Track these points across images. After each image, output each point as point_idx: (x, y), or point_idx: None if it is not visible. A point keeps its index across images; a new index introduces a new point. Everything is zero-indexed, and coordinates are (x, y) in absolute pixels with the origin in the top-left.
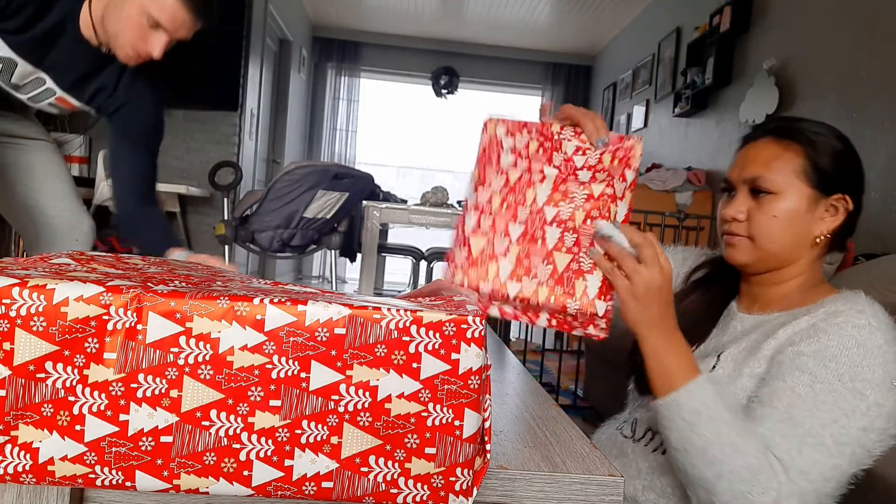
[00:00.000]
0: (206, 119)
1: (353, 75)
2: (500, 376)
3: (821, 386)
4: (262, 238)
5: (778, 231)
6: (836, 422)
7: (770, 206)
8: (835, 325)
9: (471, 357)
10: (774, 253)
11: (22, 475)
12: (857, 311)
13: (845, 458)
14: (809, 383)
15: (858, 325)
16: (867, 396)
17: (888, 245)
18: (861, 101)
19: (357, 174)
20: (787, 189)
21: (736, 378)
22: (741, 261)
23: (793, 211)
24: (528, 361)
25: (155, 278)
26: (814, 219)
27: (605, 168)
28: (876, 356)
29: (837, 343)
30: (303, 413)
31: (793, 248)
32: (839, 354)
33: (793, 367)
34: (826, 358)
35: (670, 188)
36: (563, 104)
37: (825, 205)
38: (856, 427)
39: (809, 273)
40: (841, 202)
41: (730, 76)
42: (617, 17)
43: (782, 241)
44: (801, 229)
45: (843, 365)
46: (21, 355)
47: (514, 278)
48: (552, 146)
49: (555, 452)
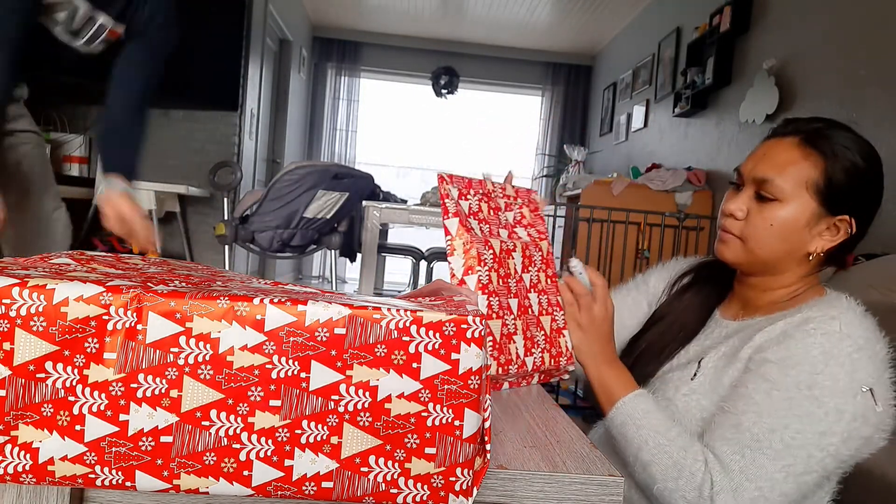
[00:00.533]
0: (206, 119)
1: (353, 75)
2: None
3: (777, 393)
4: (262, 238)
5: (770, 239)
6: (788, 427)
7: (770, 213)
8: (804, 331)
9: (471, 357)
10: (762, 259)
11: (22, 475)
12: (830, 318)
13: (799, 461)
14: (767, 390)
15: (827, 332)
16: (825, 403)
17: (888, 245)
18: (861, 101)
19: (357, 174)
20: (793, 199)
21: (717, 387)
22: (728, 259)
23: (791, 222)
24: None
25: (155, 278)
26: (811, 235)
27: (529, 222)
28: (842, 364)
29: (802, 351)
30: (303, 413)
31: (783, 259)
32: (801, 362)
33: (756, 374)
34: (788, 366)
35: (670, 188)
36: (562, 105)
37: (827, 223)
38: (811, 431)
39: (800, 285)
40: (844, 223)
41: (730, 76)
42: (617, 17)
43: (772, 249)
44: (795, 242)
45: (803, 373)
46: (21, 355)
47: (527, 353)
48: (489, 202)
49: (555, 452)
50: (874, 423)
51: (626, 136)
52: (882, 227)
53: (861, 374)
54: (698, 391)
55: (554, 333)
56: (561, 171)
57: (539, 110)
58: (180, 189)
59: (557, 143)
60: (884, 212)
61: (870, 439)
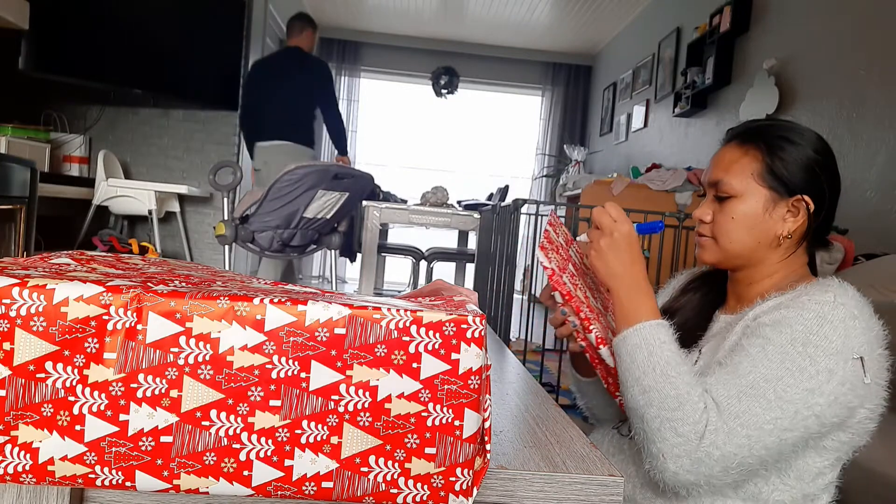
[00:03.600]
0: (206, 119)
1: (353, 75)
2: (500, 376)
3: (772, 347)
4: (262, 238)
5: (737, 232)
6: (781, 379)
7: (729, 209)
8: (798, 302)
9: (471, 357)
10: (736, 252)
11: (22, 475)
12: (823, 290)
13: (787, 415)
14: (762, 345)
15: (822, 301)
16: (817, 361)
17: (888, 245)
18: (861, 101)
19: (357, 174)
20: (745, 192)
21: (712, 363)
22: (708, 260)
23: (750, 213)
24: (528, 361)
25: (155, 278)
26: (773, 220)
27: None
28: (836, 327)
29: (797, 314)
30: (303, 413)
31: (755, 248)
32: (795, 322)
33: (752, 334)
34: (782, 325)
35: (670, 188)
36: (562, 105)
37: (785, 205)
38: (801, 388)
39: (785, 271)
40: (800, 203)
41: (730, 76)
42: (617, 17)
43: (742, 241)
44: (761, 230)
45: (797, 331)
46: (21, 355)
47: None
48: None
49: (555, 452)
50: (861, 395)
51: (626, 136)
52: (882, 226)
53: (854, 341)
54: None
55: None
56: (561, 171)
57: (539, 110)
58: (180, 189)
59: (557, 143)
60: (883, 212)
61: (853, 410)
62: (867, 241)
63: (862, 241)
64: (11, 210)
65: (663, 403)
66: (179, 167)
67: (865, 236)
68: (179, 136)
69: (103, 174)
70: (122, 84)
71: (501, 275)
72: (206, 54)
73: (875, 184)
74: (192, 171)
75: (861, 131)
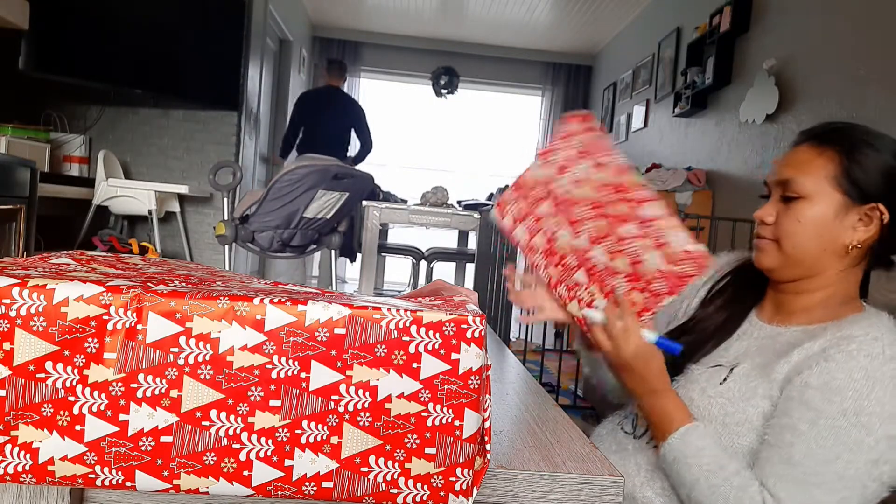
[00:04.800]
0: (206, 119)
1: (353, 75)
2: (500, 376)
3: (824, 422)
4: (262, 238)
5: (802, 236)
6: (839, 458)
7: (797, 210)
8: (846, 352)
9: (471, 357)
10: (799, 259)
11: (22, 475)
12: (873, 339)
13: (855, 492)
14: (812, 420)
15: (871, 354)
16: (875, 430)
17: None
18: (861, 101)
19: (357, 174)
20: (817, 194)
21: (750, 397)
22: (766, 265)
23: (819, 216)
24: (528, 361)
25: (155, 278)
26: (843, 227)
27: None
28: (887, 387)
29: (845, 375)
30: (303, 413)
31: (819, 256)
32: (845, 387)
33: (799, 401)
34: (832, 391)
35: (670, 188)
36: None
37: (858, 213)
38: (863, 461)
39: (838, 286)
40: (875, 212)
41: (730, 76)
42: (617, 17)
43: (806, 246)
44: (828, 236)
45: (848, 399)
46: (21, 355)
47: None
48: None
49: (555, 452)
50: None
51: (626, 136)
52: None
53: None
54: (725, 395)
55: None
56: None
57: (539, 110)
58: (180, 189)
59: None
60: None
61: None
62: None
63: None
64: (11, 210)
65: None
66: (179, 167)
67: None
68: (179, 136)
69: (103, 174)
70: (122, 84)
71: (501, 275)
72: (206, 54)
73: None
74: (192, 171)
75: None
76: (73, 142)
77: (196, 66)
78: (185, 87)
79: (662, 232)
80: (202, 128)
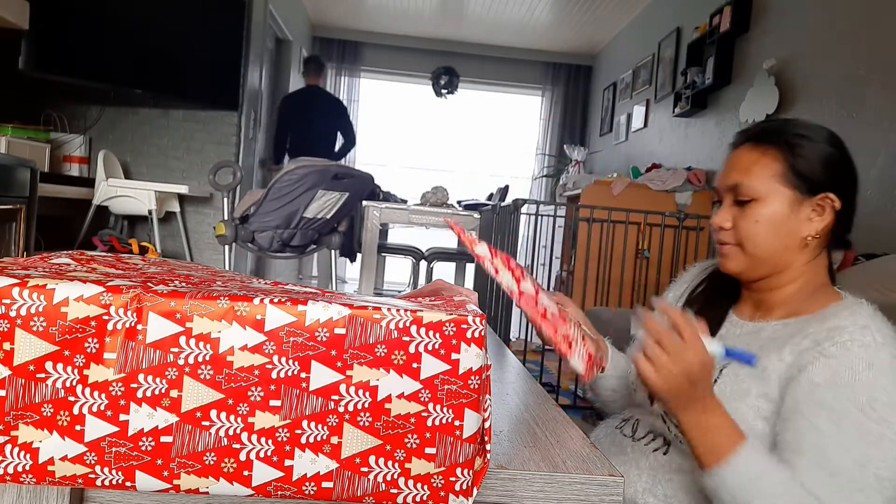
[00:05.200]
0: (206, 119)
1: (353, 75)
2: (500, 376)
3: (846, 422)
4: (262, 238)
5: (763, 236)
6: (871, 458)
7: (752, 212)
8: (840, 344)
9: (471, 357)
10: (763, 258)
11: (22, 475)
12: (862, 328)
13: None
14: (830, 419)
15: (864, 343)
16: (891, 422)
17: (888, 245)
18: (861, 101)
19: (357, 174)
20: (768, 194)
21: (744, 397)
22: (733, 269)
23: (775, 215)
24: (528, 361)
25: (155, 278)
26: (799, 220)
27: None
28: (887, 374)
29: (847, 367)
30: (303, 413)
31: (782, 252)
32: (852, 380)
33: (811, 402)
34: (840, 385)
35: (670, 188)
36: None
37: (810, 205)
38: (892, 457)
39: (809, 275)
40: (826, 201)
41: (730, 76)
42: (617, 17)
43: (768, 245)
44: (787, 232)
45: (858, 391)
46: (21, 355)
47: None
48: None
49: (555, 452)
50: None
51: (626, 136)
52: (881, 226)
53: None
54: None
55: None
56: (561, 171)
57: (539, 110)
58: (180, 189)
59: (557, 143)
60: (883, 212)
61: None
62: (867, 241)
63: (862, 241)
64: (11, 210)
65: None
66: (179, 167)
67: (865, 236)
68: (179, 136)
69: (103, 174)
70: (122, 84)
71: None
72: (206, 54)
73: (875, 184)
74: (192, 171)
75: (861, 131)
76: (73, 142)
77: (196, 66)
78: (185, 87)
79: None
80: (202, 128)
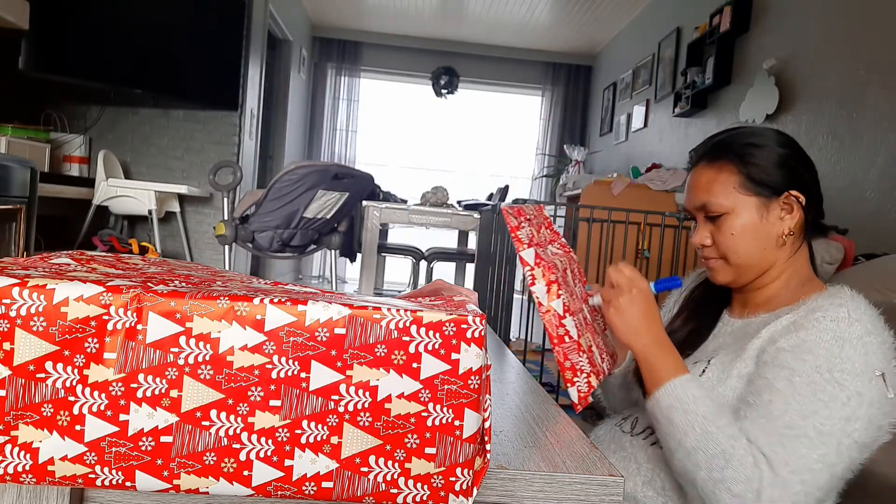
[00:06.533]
0: (206, 119)
1: (353, 75)
2: (500, 376)
3: (798, 379)
4: (262, 238)
5: (742, 246)
6: (817, 413)
7: (726, 226)
8: (813, 319)
9: (471, 357)
10: (748, 265)
11: (22, 475)
12: (837, 305)
13: (832, 449)
14: (787, 377)
15: (837, 317)
16: (846, 386)
17: (888, 245)
18: (861, 101)
19: (357, 174)
20: (735, 206)
21: (725, 380)
22: (723, 281)
23: (747, 224)
24: (528, 361)
25: (155, 278)
26: (771, 222)
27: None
28: (855, 346)
29: (815, 337)
30: (303, 413)
31: (764, 255)
32: (816, 347)
33: (773, 364)
34: (803, 351)
35: (670, 188)
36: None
37: (778, 206)
38: (838, 417)
39: (791, 270)
40: (791, 198)
41: (730, 76)
42: (617, 17)
43: (749, 252)
44: (764, 235)
45: (820, 357)
46: (21, 355)
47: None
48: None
49: (555, 452)
50: (886, 411)
51: (626, 136)
52: (881, 226)
53: (873, 357)
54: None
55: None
56: (561, 171)
57: (539, 110)
58: (180, 189)
59: (557, 143)
60: (883, 212)
61: (881, 428)
62: (867, 241)
63: (862, 241)
64: (11, 210)
65: (711, 463)
66: (179, 167)
67: (865, 236)
68: (179, 136)
69: (103, 174)
70: (122, 84)
71: (501, 275)
72: (206, 54)
73: (875, 184)
74: (192, 171)
75: (861, 131)
76: (73, 142)
77: (196, 66)
78: (185, 87)
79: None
80: (202, 128)
